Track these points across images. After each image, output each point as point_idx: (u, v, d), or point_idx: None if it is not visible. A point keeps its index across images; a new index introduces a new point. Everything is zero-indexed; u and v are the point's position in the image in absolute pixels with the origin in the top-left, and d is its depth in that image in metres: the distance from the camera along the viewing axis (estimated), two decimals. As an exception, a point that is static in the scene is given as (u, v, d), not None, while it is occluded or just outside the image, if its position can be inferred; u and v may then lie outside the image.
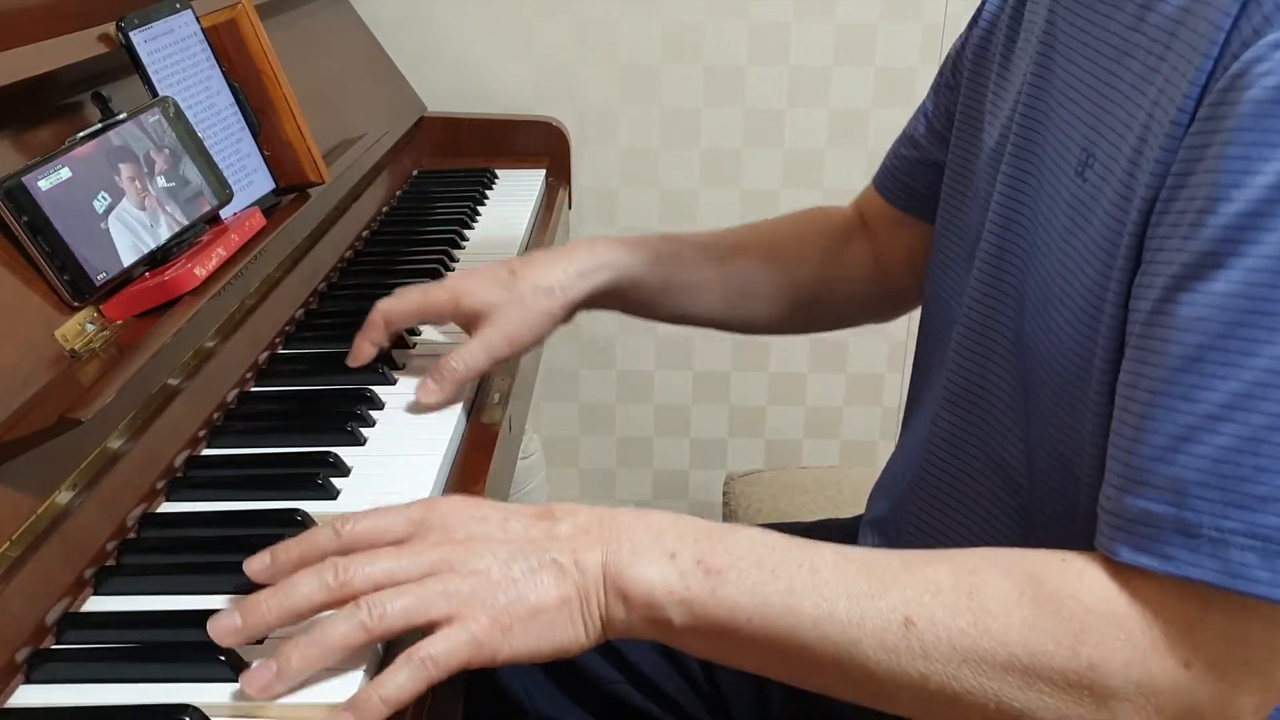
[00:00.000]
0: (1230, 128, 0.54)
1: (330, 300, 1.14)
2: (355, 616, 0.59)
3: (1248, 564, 0.53)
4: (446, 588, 0.60)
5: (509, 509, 0.65)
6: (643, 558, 0.61)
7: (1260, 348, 0.52)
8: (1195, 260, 0.55)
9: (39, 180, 0.75)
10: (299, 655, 0.59)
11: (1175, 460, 0.55)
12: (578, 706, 0.97)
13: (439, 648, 0.59)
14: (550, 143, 1.69)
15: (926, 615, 0.58)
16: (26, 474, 0.67)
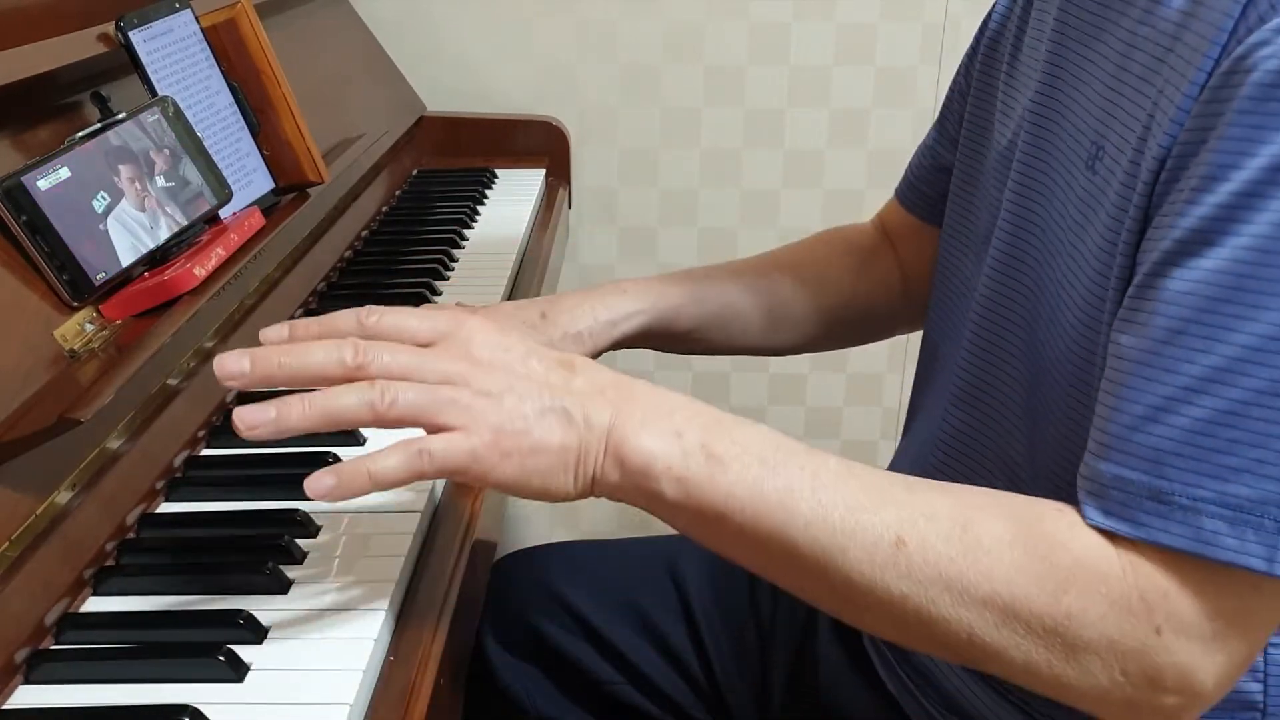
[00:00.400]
0: (1233, 109, 0.55)
1: (330, 300, 1.14)
2: (367, 394, 0.60)
3: (1218, 532, 0.54)
4: (459, 398, 0.61)
5: (534, 347, 0.65)
6: (649, 429, 0.62)
7: (1241, 324, 0.54)
8: (1187, 236, 0.56)
9: (38, 180, 0.75)
10: (300, 409, 0.59)
11: (1152, 430, 0.56)
12: (577, 706, 0.97)
13: (438, 445, 0.60)
14: (550, 143, 1.69)
15: (919, 537, 0.59)
16: (26, 474, 0.67)
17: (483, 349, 0.64)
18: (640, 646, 0.97)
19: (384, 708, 0.62)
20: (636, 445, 0.61)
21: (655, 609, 0.98)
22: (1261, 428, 0.54)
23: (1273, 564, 0.54)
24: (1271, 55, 0.53)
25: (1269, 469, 0.54)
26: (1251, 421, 0.54)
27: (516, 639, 0.98)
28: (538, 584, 1.00)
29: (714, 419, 0.63)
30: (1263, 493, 0.54)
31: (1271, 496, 0.54)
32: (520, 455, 0.61)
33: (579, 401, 0.62)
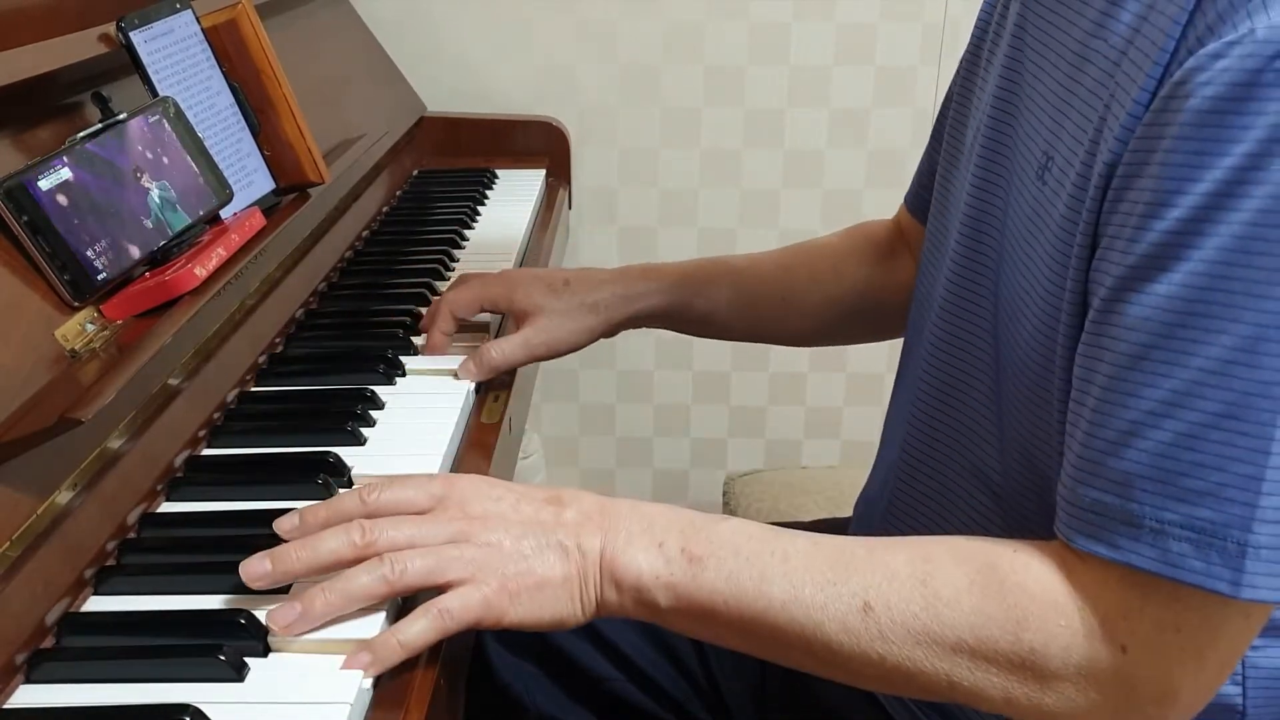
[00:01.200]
0: (1173, 135, 0.56)
1: (330, 300, 1.14)
2: (379, 570, 0.64)
3: (1184, 554, 0.56)
4: (463, 554, 0.65)
5: (521, 491, 0.70)
6: (634, 545, 0.66)
7: (1198, 347, 0.55)
8: (1140, 263, 0.57)
9: (39, 180, 0.75)
10: (323, 599, 0.64)
11: (1123, 454, 0.58)
12: (577, 704, 0.97)
13: (455, 603, 0.64)
14: (550, 143, 1.69)
15: (883, 600, 0.62)
16: (26, 474, 0.67)
17: (476, 504, 0.68)
18: (640, 644, 0.97)
19: (384, 707, 0.62)
20: (626, 562, 0.66)
21: None
22: (1220, 450, 0.55)
23: (1238, 587, 0.55)
24: (1208, 82, 0.54)
25: (1230, 492, 0.55)
26: (1210, 444, 0.55)
27: (516, 637, 0.98)
28: None
29: (689, 522, 0.68)
30: (1225, 516, 0.55)
31: (1234, 520, 0.55)
32: (528, 593, 0.66)
33: (571, 533, 0.67)
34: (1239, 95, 0.54)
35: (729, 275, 1.02)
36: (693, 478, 1.97)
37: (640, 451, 1.96)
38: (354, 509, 0.68)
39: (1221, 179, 0.54)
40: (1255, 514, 0.55)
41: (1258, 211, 0.54)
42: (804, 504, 1.40)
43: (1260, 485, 0.54)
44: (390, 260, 1.25)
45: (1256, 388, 0.54)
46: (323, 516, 0.68)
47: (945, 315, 0.79)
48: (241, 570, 0.66)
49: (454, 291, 1.02)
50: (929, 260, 0.87)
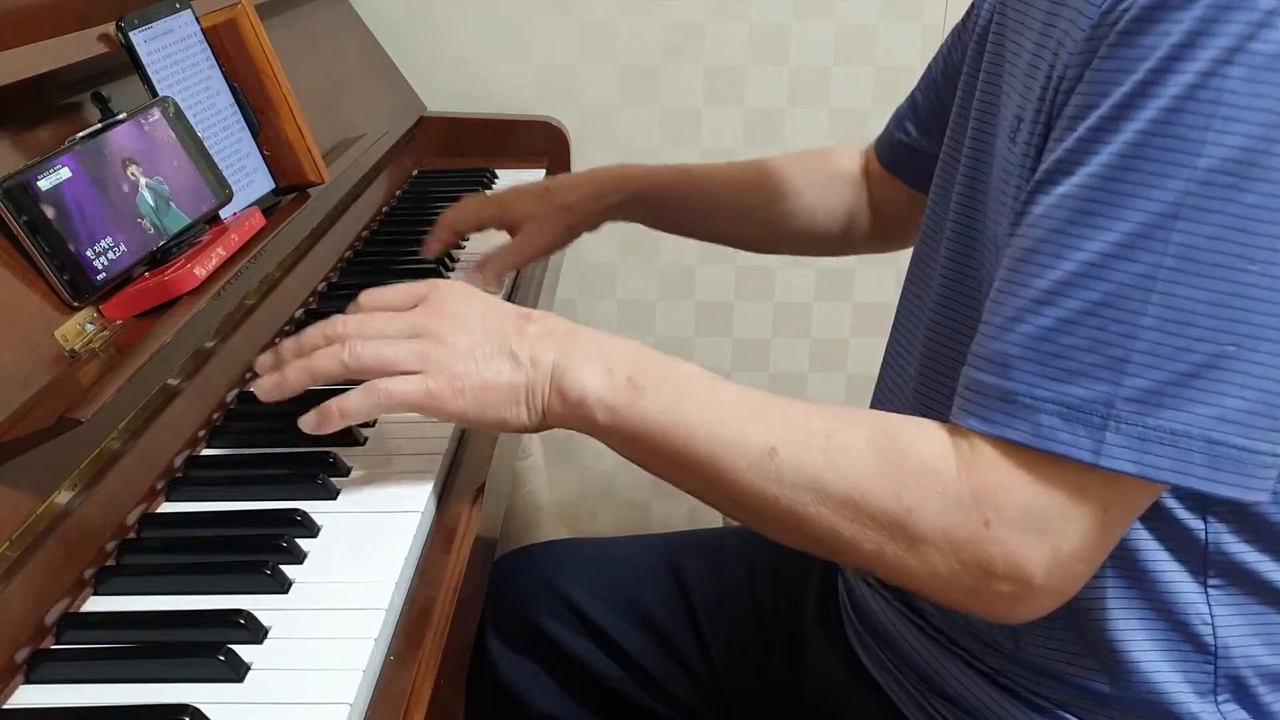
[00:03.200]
0: (1099, 57, 0.61)
1: (330, 300, 1.14)
2: (338, 354, 0.74)
3: (1054, 427, 0.60)
4: (419, 348, 0.74)
5: (497, 304, 0.77)
6: (586, 366, 0.72)
7: (1083, 242, 0.60)
8: (1051, 167, 0.62)
9: (39, 180, 0.75)
10: (294, 370, 0.76)
11: (1005, 338, 0.62)
12: (579, 702, 0.98)
13: (396, 385, 0.73)
14: (550, 143, 1.69)
15: (789, 447, 0.67)
16: (26, 474, 0.67)
17: (450, 305, 0.76)
18: (641, 642, 0.97)
19: (384, 707, 0.62)
20: (573, 379, 0.72)
21: (656, 605, 0.98)
22: (1095, 335, 0.59)
23: (1098, 456, 0.59)
24: (1130, 6, 0.59)
25: (1100, 372, 0.59)
26: (1087, 330, 0.60)
27: (518, 635, 0.98)
28: (539, 580, 1.00)
29: (647, 357, 0.73)
30: (1093, 393, 0.59)
31: (1100, 396, 0.59)
32: (473, 392, 0.73)
33: (527, 345, 0.73)
34: (1150, 17, 0.58)
35: (690, 180, 1.15)
36: (693, 478, 1.97)
37: (640, 451, 1.96)
38: (347, 312, 0.78)
39: (1125, 92, 0.59)
40: (1119, 392, 0.59)
41: (1149, 122, 0.58)
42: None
43: (1127, 367, 0.59)
44: (390, 260, 1.25)
45: (1133, 280, 0.58)
46: (315, 324, 0.78)
47: (944, 290, 0.81)
48: (257, 365, 0.80)
49: (454, 210, 1.16)
50: (930, 230, 0.87)
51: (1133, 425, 0.59)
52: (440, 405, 0.73)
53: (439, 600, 0.71)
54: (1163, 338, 0.58)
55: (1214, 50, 0.57)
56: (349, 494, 0.80)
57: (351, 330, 0.75)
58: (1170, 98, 0.58)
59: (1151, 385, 0.59)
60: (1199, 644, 0.70)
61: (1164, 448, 0.59)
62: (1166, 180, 0.58)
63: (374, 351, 0.74)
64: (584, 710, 0.98)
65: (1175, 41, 0.57)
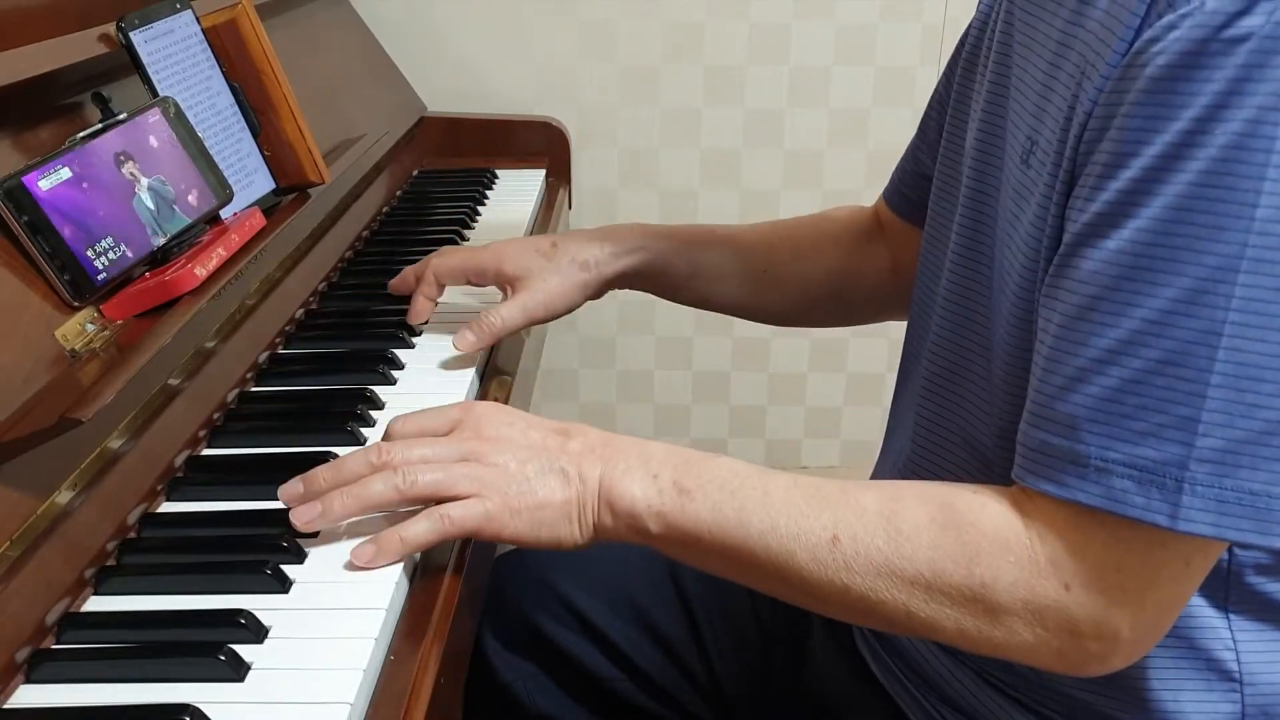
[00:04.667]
0: (1130, 101, 0.60)
1: (330, 300, 1.14)
2: (392, 480, 0.71)
3: (1126, 490, 0.59)
4: (471, 472, 0.72)
5: (533, 420, 0.76)
6: (630, 476, 0.71)
7: (1142, 299, 0.59)
8: (1095, 220, 0.61)
9: (39, 180, 0.75)
10: (340, 500, 0.72)
11: (1070, 399, 0.61)
12: (577, 704, 0.97)
13: (457, 510, 0.71)
14: (550, 143, 1.69)
15: (850, 533, 0.66)
16: (26, 474, 0.67)
17: (489, 427, 0.74)
18: (640, 643, 0.97)
19: (384, 707, 0.62)
20: (621, 491, 0.71)
21: (655, 606, 0.98)
22: (1162, 394, 0.58)
23: (1175, 520, 0.58)
24: (1162, 51, 0.58)
25: (1170, 433, 0.58)
26: (1153, 389, 0.59)
27: (516, 637, 0.98)
28: (537, 581, 1.00)
29: (684, 460, 0.73)
30: (1165, 454, 0.58)
31: (1172, 458, 0.58)
32: (529, 511, 0.71)
33: (574, 461, 0.73)
34: (1187, 64, 0.57)
35: (714, 240, 1.05)
36: (693, 478, 1.97)
37: (640, 451, 1.96)
38: (381, 439, 0.76)
39: (1169, 142, 0.58)
40: (1192, 453, 0.58)
41: (1200, 173, 0.57)
42: (804, 504, 1.39)
43: (1197, 427, 0.58)
44: (390, 260, 1.25)
45: (1196, 336, 0.57)
46: (357, 451, 0.75)
47: (947, 314, 0.81)
48: (280, 493, 0.74)
49: (441, 257, 1.03)
50: (929, 258, 0.87)
51: (1209, 487, 0.58)
52: (499, 528, 0.71)
53: (439, 599, 0.71)
54: (1233, 395, 0.57)
55: (1261, 97, 0.56)
56: (349, 494, 0.80)
57: (398, 458, 0.72)
58: (1219, 147, 0.56)
59: (1225, 445, 0.58)
60: (1223, 672, 0.70)
61: (1243, 508, 0.58)
62: (1223, 233, 0.57)
63: (430, 478, 0.71)
64: (583, 712, 0.97)
65: (1219, 89, 0.56)
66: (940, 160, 0.88)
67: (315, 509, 0.72)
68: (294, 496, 0.74)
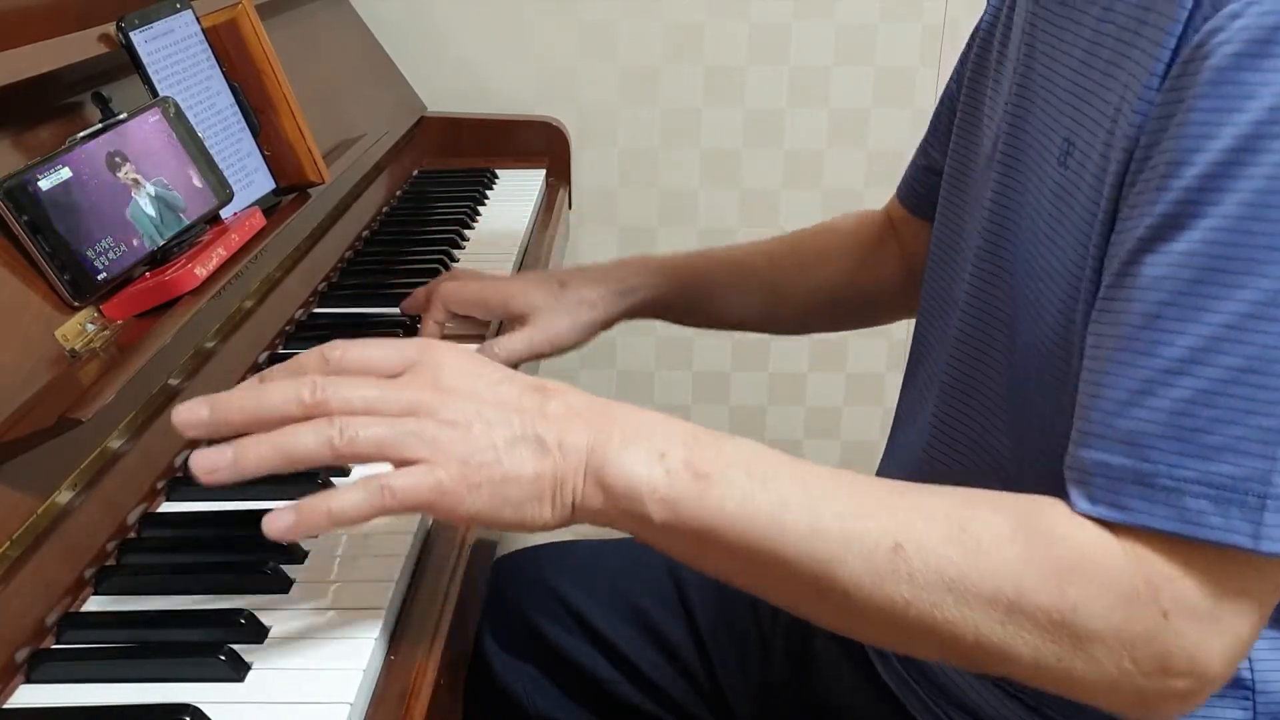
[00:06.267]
0: (1192, 95, 0.56)
1: (330, 300, 1.14)
2: (325, 432, 0.57)
3: (1202, 511, 0.54)
4: (424, 430, 0.58)
5: (506, 373, 0.63)
6: (630, 450, 0.60)
7: (1216, 303, 0.54)
8: (1158, 223, 0.57)
9: (39, 180, 0.75)
10: (256, 450, 0.57)
11: (1133, 414, 0.56)
12: (577, 706, 0.97)
13: (403, 481, 0.57)
14: (550, 143, 1.69)
15: (917, 541, 0.58)
16: (26, 474, 0.67)
17: (451, 376, 0.61)
18: (640, 645, 0.96)
19: (384, 707, 0.62)
20: (619, 468, 0.59)
21: (655, 608, 0.98)
22: (1241, 405, 0.54)
23: (1258, 540, 0.54)
24: (1226, 40, 0.54)
25: (1249, 445, 0.54)
26: (1231, 399, 0.54)
27: (516, 639, 0.98)
28: (537, 583, 1.00)
29: (694, 435, 0.61)
30: (1245, 470, 0.54)
31: (1253, 473, 0.54)
32: (491, 486, 0.59)
33: (553, 426, 0.60)
34: (1257, 52, 0.54)
35: (720, 266, 1.04)
36: (693, 478, 1.97)
37: (640, 451, 1.96)
38: (315, 364, 0.61)
39: (1240, 134, 0.54)
40: (1275, 467, 0.54)
41: (1277, 165, 0.53)
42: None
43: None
44: (390, 260, 1.25)
45: (1278, 342, 0.53)
46: (281, 372, 0.61)
47: (969, 315, 0.79)
48: (174, 415, 0.59)
49: (451, 285, 1.01)
50: (941, 261, 0.86)
51: None
52: (452, 504, 0.58)
53: (439, 599, 0.71)
54: None
55: None
56: (349, 494, 0.79)
57: (336, 402, 0.58)
58: None
59: None
60: (1235, 680, 0.68)
61: None
62: None
63: (371, 434, 0.57)
64: (583, 714, 0.97)
65: None
66: (950, 157, 0.87)
67: (224, 456, 0.57)
68: (196, 421, 0.59)
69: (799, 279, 1.04)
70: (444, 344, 0.64)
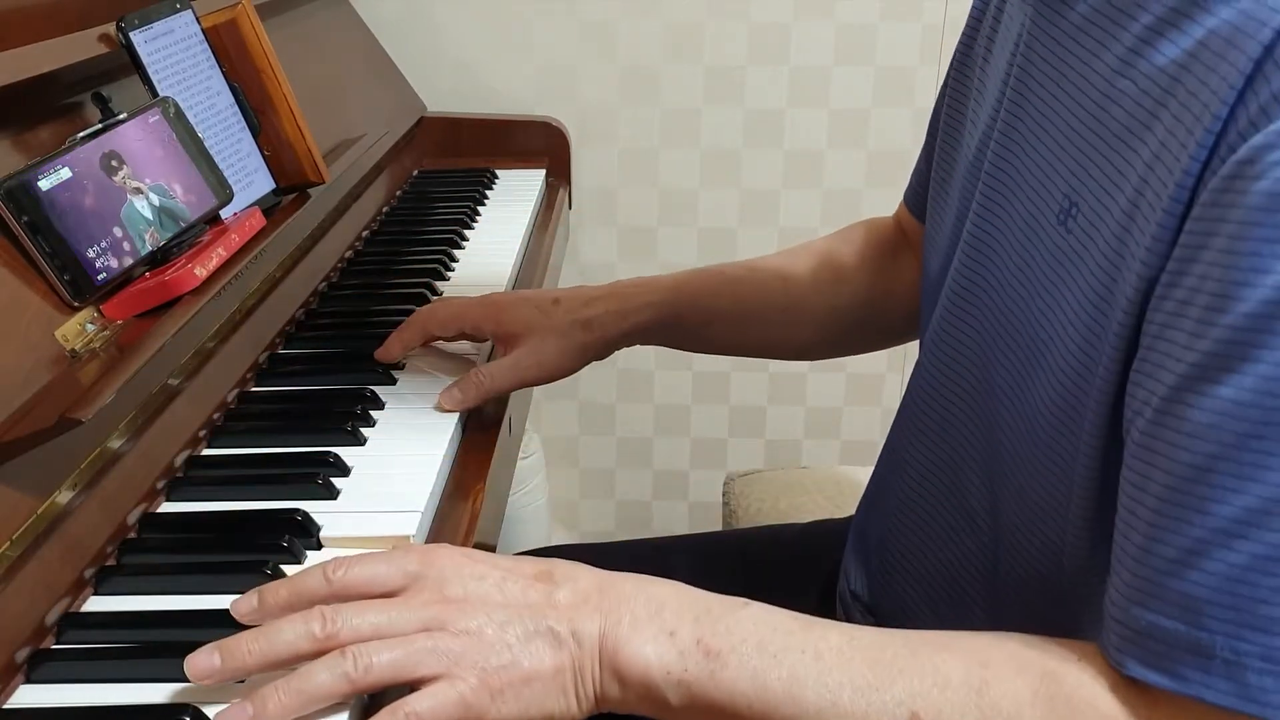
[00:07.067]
0: (1239, 220, 0.50)
1: (330, 300, 1.14)
2: (340, 666, 0.57)
3: (1265, 688, 0.50)
4: (437, 645, 0.58)
5: (508, 567, 0.63)
6: (640, 634, 0.60)
7: (1276, 460, 0.50)
8: (1205, 361, 0.51)
9: (39, 180, 0.75)
10: (275, 700, 0.57)
11: (1187, 576, 0.52)
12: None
13: (425, 704, 0.57)
14: (550, 143, 1.69)
15: (934, 711, 0.56)
16: (26, 474, 0.67)
17: (456, 584, 0.61)
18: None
19: (384, 707, 0.62)
20: (630, 653, 0.59)
21: None
22: None
23: None
24: (1278, 163, 0.49)
25: None
26: None
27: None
28: None
29: (704, 608, 0.61)
30: None
31: None
32: (514, 689, 0.59)
33: (564, 616, 0.60)
34: None
35: (725, 286, 0.96)
36: (693, 478, 1.97)
37: (640, 451, 1.96)
38: (318, 589, 0.61)
39: None
40: None
41: None
42: (804, 504, 1.39)
43: None
44: (390, 260, 1.25)
45: None
46: (283, 597, 0.61)
47: (939, 337, 0.76)
48: (187, 666, 0.59)
49: (433, 307, 0.96)
50: (927, 263, 0.85)
51: None
52: (479, 715, 0.58)
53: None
54: None
55: None
56: (349, 494, 0.80)
57: (345, 632, 0.58)
58: None
59: None
60: None
61: None
62: None
63: (386, 659, 0.57)
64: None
65: None
66: (936, 164, 0.85)
67: (245, 712, 0.56)
68: (209, 672, 0.58)
69: (813, 298, 0.97)
70: (440, 549, 0.64)
